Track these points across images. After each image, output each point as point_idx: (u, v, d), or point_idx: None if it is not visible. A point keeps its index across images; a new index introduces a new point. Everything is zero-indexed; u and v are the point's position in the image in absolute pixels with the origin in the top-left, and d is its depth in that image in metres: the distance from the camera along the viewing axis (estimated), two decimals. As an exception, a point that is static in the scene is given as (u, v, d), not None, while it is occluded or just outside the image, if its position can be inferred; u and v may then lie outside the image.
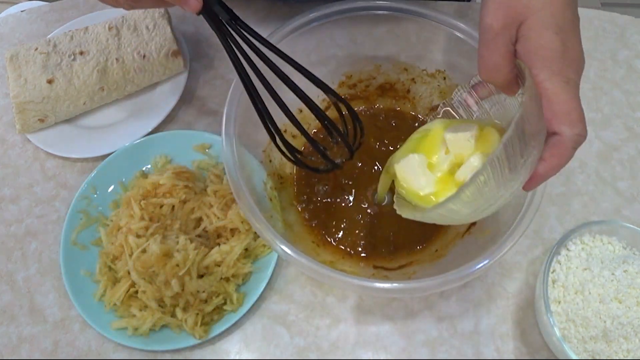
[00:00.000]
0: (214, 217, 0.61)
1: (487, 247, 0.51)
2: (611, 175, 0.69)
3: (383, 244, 0.63)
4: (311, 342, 0.59)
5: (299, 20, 0.61)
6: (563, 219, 0.66)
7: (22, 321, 0.62)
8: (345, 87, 0.71)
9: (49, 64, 0.71)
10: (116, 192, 0.67)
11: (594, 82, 0.76)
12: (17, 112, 0.70)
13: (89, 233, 0.64)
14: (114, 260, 0.61)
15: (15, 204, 0.69)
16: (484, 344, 0.59)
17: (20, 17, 0.86)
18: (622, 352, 0.51)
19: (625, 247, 0.57)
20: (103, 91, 0.72)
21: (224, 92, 0.57)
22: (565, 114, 0.41)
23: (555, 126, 0.41)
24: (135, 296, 0.59)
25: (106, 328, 0.58)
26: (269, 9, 0.81)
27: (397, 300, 0.61)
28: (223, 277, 0.59)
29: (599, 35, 0.80)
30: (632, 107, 0.74)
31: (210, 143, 0.69)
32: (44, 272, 0.64)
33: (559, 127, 0.41)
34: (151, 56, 0.73)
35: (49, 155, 0.72)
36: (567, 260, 0.56)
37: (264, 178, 0.62)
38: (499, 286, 0.62)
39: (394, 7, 0.62)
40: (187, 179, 0.63)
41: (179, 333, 0.58)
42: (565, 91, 0.41)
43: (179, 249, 0.58)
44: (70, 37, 0.74)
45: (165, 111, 0.72)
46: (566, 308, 0.53)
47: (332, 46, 0.67)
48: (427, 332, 0.60)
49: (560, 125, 0.41)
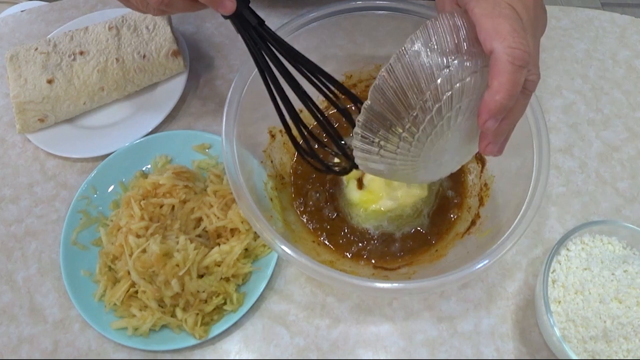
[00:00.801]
0: (214, 217, 0.61)
1: (487, 247, 0.51)
2: (611, 175, 0.69)
3: (383, 244, 0.63)
4: (311, 342, 0.59)
5: (299, 20, 0.61)
6: (563, 219, 0.66)
7: (22, 321, 0.62)
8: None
9: (49, 64, 0.71)
10: (116, 192, 0.67)
11: (594, 82, 0.76)
12: (17, 112, 0.70)
13: (89, 233, 0.64)
14: (114, 260, 0.61)
15: (15, 204, 0.69)
16: (484, 344, 0.59)
17: (20, 17, 0.86)
18: (622, 352, 0.51)
19: (625, 247, 0.57)
20: (103, 91, 0.72)
21: (224, 92, 0.58)
22: (492, 29, 0.40)
23: (488, 45, 0.40)
24: (135, 296, 0.59)
25: (106, 328, 0.58)
26: (269, 9, 0.82)
27: (397, 300, 0.61)
28: (223, 277, 0.59)
29: (599, 35, 0.80)
30: (632, 107, 0.74)
31: (210, 143, 0.69)
32: (44, 272, 0.64)
33: (490, 45, 0.40)
34: (151, 56, 0.73)
35: (49, 155, 0.72)
36: (567, 260, 0.56)
37: (264, 178, 0.62)
38: (499, 286, 0.62)
39: (394, 7, 0.62)
40: (187, 179, 0.63)
41: (179, 333, 0.58)
42: (491, 11, 0.40)
43: (179, 249, 0.58)
44: (70, 37, 0.74)
45: (165, 111, 0.72)
46: (566, 308, 0.53)
47: (332, 46, 0.67)
48: (427, 332, 0.60)
49: (491, 42, 0.40)
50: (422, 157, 0.47)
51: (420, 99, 0.42)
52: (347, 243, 0.63)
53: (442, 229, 0.63)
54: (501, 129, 0.43)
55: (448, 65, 0.41)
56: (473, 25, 0.41)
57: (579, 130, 0.72)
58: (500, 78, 0.39)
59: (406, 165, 0.47)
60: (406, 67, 0.42)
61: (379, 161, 0.48)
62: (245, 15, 0.49)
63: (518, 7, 0.42)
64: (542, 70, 0.78)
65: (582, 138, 0.72)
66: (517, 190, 0.55)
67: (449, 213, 0.64)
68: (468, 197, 0.65)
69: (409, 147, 0.45)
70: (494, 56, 0.39)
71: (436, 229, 0.63)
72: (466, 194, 0.65)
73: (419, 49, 0.42)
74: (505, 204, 0.58)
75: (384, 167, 0.48)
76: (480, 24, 0.40)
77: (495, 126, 0.41)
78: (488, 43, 0.40)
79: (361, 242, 0.63)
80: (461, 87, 0.42)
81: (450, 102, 0.43)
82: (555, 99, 0.75)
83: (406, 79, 0.42)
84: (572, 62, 0.78)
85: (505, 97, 0.39)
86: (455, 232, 0.62)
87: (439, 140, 0.45)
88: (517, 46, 0.39)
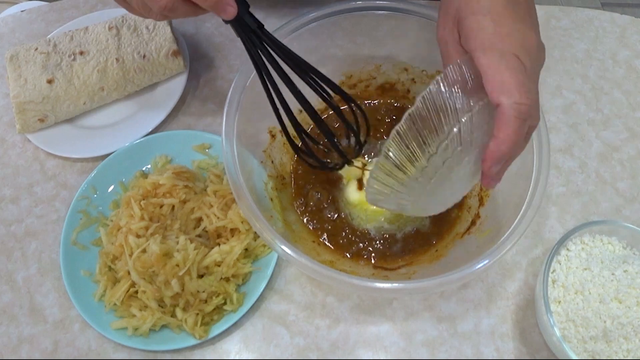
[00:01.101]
0: (214, 217, 0.61)
1: (487, 247, 0.51)
2: (611, 175, 0.69)
3: (383, 244, 0.63)
4: (311, 342, 0.59)
5: (299, 20, 0.61)
6: (563, 219, 0.66)
7: (22, 321, 0.62)
8: (345, 87, 0.71)
9: (49, 64, 0.71)
10: (116, 192, 0.67)
11: (594, 82, 0.76)
12: (17, 112, 0.70)
13: (89, 233, 0.64)
14: (114, 260, 0.61)
15: (15, 204, 0.69)
16: (484, 344, 0.59)
17: (20, 17, 0.86)
18: (622, 352, 0.51)
19: (625, 247, 0.57)
20: (103, 91, 0.72)
21: (224, 92, 0.58)
22: (500, 83, 0.41)
23: (495, 98, 0.41)
24: (135, 296, 0.59)
25: (106, 328, 0.58)
26: (269, 9, 0.82)
27: (397, 300, 0.61)
28: (223, 277, 0.59)
29: (599, 35, 0.80)
30: (632, 107, 0.74)
31: (210, 143, 0.69)
32: (44, 272, 0.64)
33: (497, 98, 0.41)
34: (151, 56, 0.73)
35: (49, 155, 0.72)
36: (567, 260, 0.56)
37: (264, 178, 0.62)
38: (499, 286, 0.62)
39: (394, 7, 0.62)
40: (187, 179, 0.63)
41: (179, 333, 0.58)
42: (499, 63, 0.42)
43: (179, 249, 0.58)
44: (70, 37, 0.74)
45: (165, 111, 0.72)
46: (566, 308, 0.53)
47: (332, 46, 0.67)
48: (427, 332, 0.60)
49: (498, 96, 0.41)
50: (430, 198, 0.49)
51: (432, 151, 0.45)
52: (348, 243, 0.63)
53: (442, 229, 0.63)
54: (503, 169, 0.46)
55: (460, 119, 0.43)
56: (479, 74, 0.43)
57: (579, 130, 0.72)
58: (506, 131, 0.41)
59: (415, 206, 0.50)
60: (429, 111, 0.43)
61: (390, 202, 0.50)
62: (246, 20, 0.49)
63: (522, 55, 0.43)
64: (542, 71, 0.77)
65: (582, 138, 0.72)
66: (517, 190, 0.55)
67: (449, 213, 0.64)
68: (468, 197, 0.65)
69: (419, 195, 0.48)
70: (501, 110, 0.41)
71: (436, 229, 0.63)
72: (466, 194, 0.65)
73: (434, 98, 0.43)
74: (505, 204, 0.58)
75: (394, 207, 0.51)
76: (487, 75, 0.42)
77: (499, 169, 0.44)
78: (495, 96, 0.41)
79: (361, 242, 0.63)
80: (470, 140, 0.44)
81: (460, 155, 0.45)
82: (555, 99, 0.75)
83: (418, 135, 0.44)
84: (572, 62, 0.78)
85: (510, 147, 0.42)
86: (456, 232, 0.62)
87: (447, 186, 0.48)
88: (523, 101, 0.41)
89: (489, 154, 0.43)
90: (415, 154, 0.45)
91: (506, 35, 0.43)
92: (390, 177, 0.47)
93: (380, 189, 0.49)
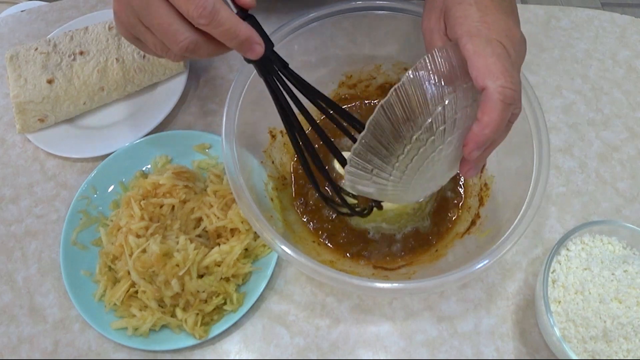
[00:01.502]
0: (214, 217, 0.61)
1: (487, 247, 0.51)
2: (611, 175, 0.69)
3: (383, 244, 0.63)
4: (311, 342, 0.59)
5: (299, 20, 0.61)
6: (563, 219, 0.66)
7: (22, 321, 0.62)
8: (345, 87, 0.71)
9: (49, 64, 0.71)
10: (116, 192, 0.67)
11: (594, 82, 0.76)
12: (17, 112, 0.70)
13: (89, 233, 0.64)
14: (114, 260, 0.61)
15: (15, 204, 0.69)
16: (484, 344, 0.59)
17: (20, 17, 0.86)
18: (622, 352, 0.51)
19: (625, 247, 0.57)
20: (103, 91, 0.72)
21: (224, 92, 0.58)
22: (485, 67, 0.42)
23: (480, 82, 0.42)
24: (135, 296, 0.59)
25: (106, 328, 0.58)
26: (269, 9, 0.82)
27: (397, 300, 0.61)
28: (223, 277, 0.59)
29: (599, 35, 0.80)
30: (632, 107, 0.74)
31: (210, 143, 0.69)
32: (44, 272, 0.64)
33: (483, 82, 0.42)
34: (151, 56, 0.73)
35: (49, 155, 0.72)
36: (567, 260, 0.56)
37: (264, 178, 0.62)
38: (499, 286, 0.62)
39: (394, 7, 0.62)
40: (187, 179, 0.63)
41: (179, 333, 0.58)
42: (484, 48, 0.42)
43: (179, 249, 0.58)
44: (70, 37, 0.74)
45: (165, 111, 0.72)
46: (566, 308, 0.53)
47: (332, 46, 0.67)
48: (427, 332, 0.60)
49: (484, 79, 0.42)
50: (411, 183, 0.48)
51: (415, 132, 0.44)
52: (348, 243, 0.63)
53: (442, 229, 0.63)
54: (483, 156, 0.46)
55: (443, 100, 0.43)
56: (464, 60, 0.43)
57: (579, 130, 0.72)
58: (490, 114, 0.41)
59: (396, 189, 0.49)
60: (403, 101, 0.43)
61: (369, 185, 0.49)
62: (272, 58, 0.47)
63: (507, 43, 0.44)
64: (542, 71, 0.78)
65: (582, 138, 0.72)
66: (517, 190, 0.55)
67: (449, 213, 0.64)
68: (468, 197, 0.65)
69: (400, 176, 0.47)
70: (486, 93, 0.42)
71: (436, 229, 0.63)
72: (466, 194, 0.65)
73: (417, 81, 0.43)
74: (505, 204, 0.58)
75: (373, 190, 0.50)
76: (472, 61, 0.42)
77: (479, 154, 0.44)
78: (480, 80, 0.42)
79: (361, 242, 0.63)
80: (453, 121, 0.44)
81: (443, 135, 0.44)
82: (555, 99, 0.75)
83: (403, 113, 0.43)
84: (572, 62, 0.78)
85: (493, 131, 0.42)
86: (455, 232, 0.62)
87: (429, 169, 0.48)
88: (509, 86, 0.41)
89: (472, 136, 0.43)
90: (400, 130, 0.44)
91: (492, 23, 0.44)
92: (372, 153, 0.46)
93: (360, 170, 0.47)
